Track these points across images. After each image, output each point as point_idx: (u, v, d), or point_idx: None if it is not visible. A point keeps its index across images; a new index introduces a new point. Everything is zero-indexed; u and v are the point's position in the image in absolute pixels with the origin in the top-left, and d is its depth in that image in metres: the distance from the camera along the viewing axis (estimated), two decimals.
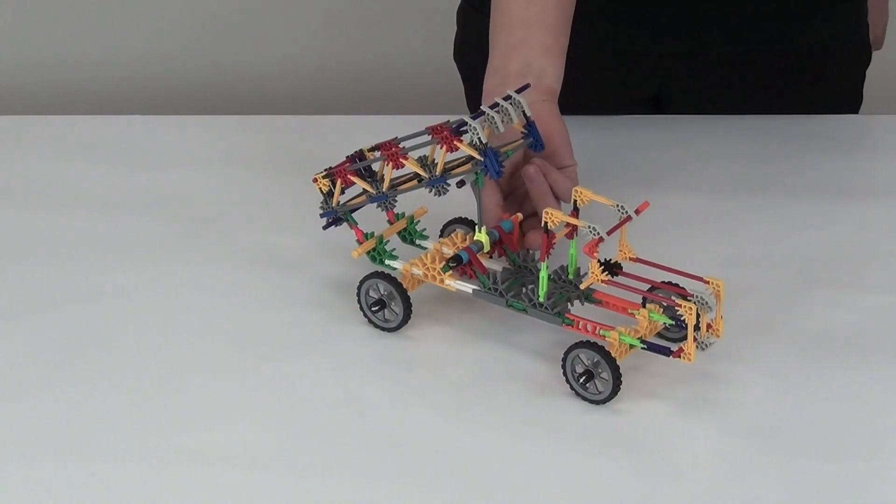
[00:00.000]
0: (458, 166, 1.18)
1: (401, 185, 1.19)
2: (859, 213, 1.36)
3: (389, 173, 1.18)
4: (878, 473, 1.05)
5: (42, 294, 1.26)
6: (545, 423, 1.10)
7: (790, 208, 1.37)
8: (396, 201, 1.20)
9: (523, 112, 1.19)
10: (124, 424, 1.10)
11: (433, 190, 1.18)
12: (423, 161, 1.18)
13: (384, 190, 1.19)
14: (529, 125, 1.20)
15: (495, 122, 1.16)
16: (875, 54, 1.60)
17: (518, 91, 1.19)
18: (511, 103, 1.18)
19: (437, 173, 1.17)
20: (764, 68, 1.50)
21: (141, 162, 1.46)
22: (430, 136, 1.18)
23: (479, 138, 1.15)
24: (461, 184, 1.20)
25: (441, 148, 1.16)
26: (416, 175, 1.19)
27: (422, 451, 1.07)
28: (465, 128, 1.16)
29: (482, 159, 1.15)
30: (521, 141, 1.20)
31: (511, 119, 1.18)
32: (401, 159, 1.17)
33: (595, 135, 1.47)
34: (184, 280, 1.27)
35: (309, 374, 1.15)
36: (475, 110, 1.23)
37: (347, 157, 1.21)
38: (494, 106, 1.17)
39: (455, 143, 1.15)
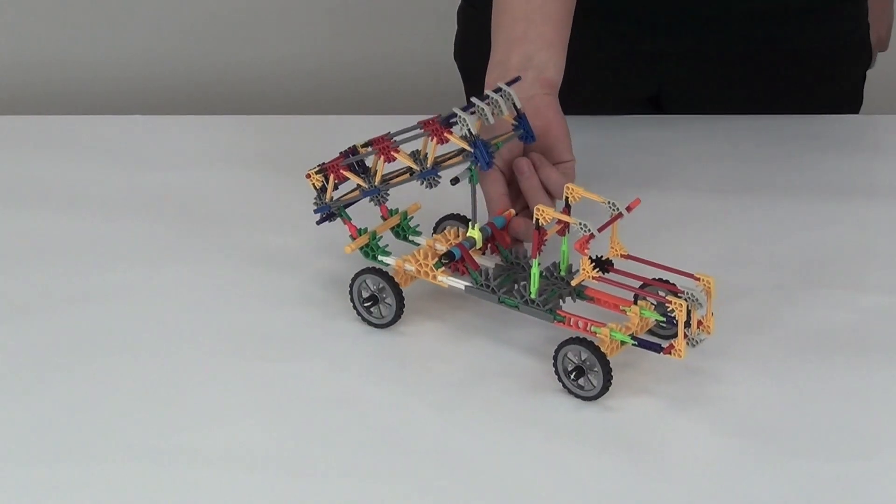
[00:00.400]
0: (450, 159, 1.18)
1: (392, 178, 1.19)
2: (859, 213, 1.36)
3: (381, 167, 1.18)
4: (873, 473, 1.05)
5: (42, 294, 1.26)
6: (536, 419, 1.10)
7: (790, 208, 1.37)
8: (388, 195, 1.20)
9: (514, 104, 1.19)
10: (124, 424, 1.10)
11: (424, 182, 1.18)
12: (415, 155, 1.18)
13: (376, 184, 1.19)
14: (520, 117, 1.20)
15: (485, 114, 1.16)
16: (876, 54, 1.60)
17: (509, 83, 1.19)
18: (501, 95, 1.18)
19: (427, 165, 1.17)
20: (764, 68, 1.50)
21: (141, 162, 1.46)
22: (423, 129, 1.19)
23: (469, 129, 1.15)
24: (455, 181, 1.19)
25: (431, 140, 1.16)
26: (409, 169, 1.19)
27: (414, 447, 1.07)
28: (454, 119, 1.16)
29: (472, 150, 1.15)
30: (512, 133, 1.20)
31: (501, 111, 1.18)
32: (392, 152, 1.17)
33: (595, 135, 1.47)
34: (183, 280, 1.27)
35: (303, 371, 1.15)
36: None
37: (341, 152, 1.21)
38: (485, 98, 1.18)
39: (445, 134, 1.15)
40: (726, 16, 1.47)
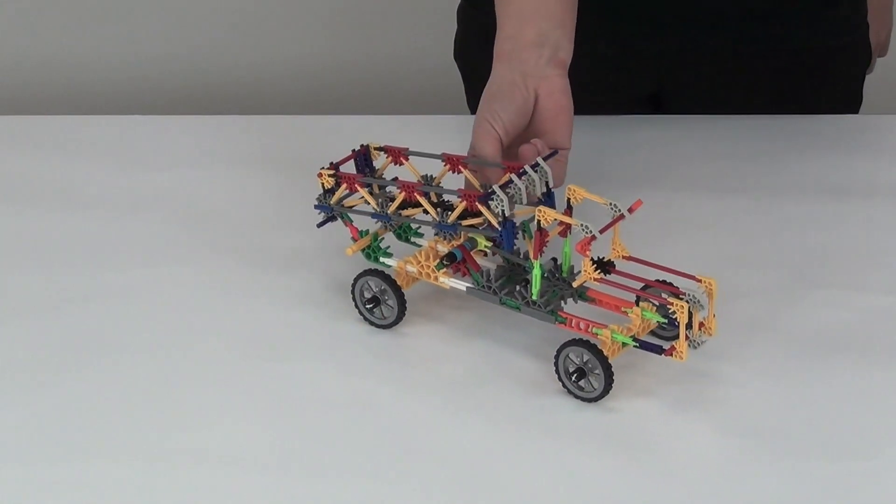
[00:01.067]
0: (469, 218, 1.16)
1: (406, 208, 1.18)
2: (859, 213, 1.36)
3: (400, 198, 1.18)
4: (874, 473, 1.05)
5: (42, 294, 1.26)
6: (538, 420, 1.10)
7: (790, 208, 1.37)
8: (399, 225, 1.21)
9: (546, 182, 1.18)
10: (124, 424, 1.10)
11: (440, 234, 1.17)
12: (428, 181, 1.16)
13: (389, 212, 1.18)
14: (548, 194, 1.18)
15: (521, 194, 1.15)
16: (875, 59, 1.60)
17: (545, 158, 1.18)
18: (538, 171, 1.16)
19: (448, 220, 1.16)
20: (764, 67, 1.50)
21: (141, 162, 1.46)
22: (444, 164, 1.19)
23: (503, 210, 1.14)
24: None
25: (460, 201, 1.15)
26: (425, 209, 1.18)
27: (415, 448, 1.07)
28: (493, 196, 1.14)
29: (500, 229, 1.14)
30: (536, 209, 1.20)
31: (535, 190, 1.17)
32: (416, 194, 1.16)
33: (595, 135, 1.47)
34: (183, 280, 1.27)
35: (304, 372, 1.15)
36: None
37: (353, 150, 1.21)
38: (522, 173, 1.16)
39: (477, 204, 1.14)
40: (726, 15, 1.47)
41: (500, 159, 1.20)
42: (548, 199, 1.18)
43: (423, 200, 1.16)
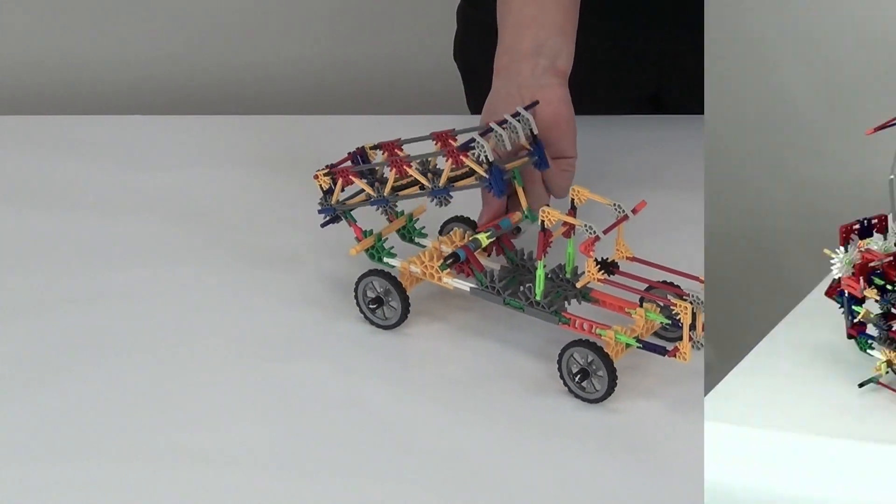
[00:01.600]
0: (461, 177, 1.17)
1: (402, 189, 1.19)
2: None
3: (392, 178, 1.18)
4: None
5: (42, 294, 1.26)
6: (541, 420, 1.10)
7: None
8: (397, 206, 1.21)
9: (530, 130, 1.18)
10: (124, 424, 1.10)
11: (435, 199, 1.18)
12: (425, 165, 1.17)
13: (385, 194, 1.19)
14: (536, 143, 1.19)
15: (502, 140, 1.16)
16: None
17: (527, 108, 1.19)
18: (519, 120, 1.17)
19: (440, 184, 1.16)
20: None
21: (141, 162, 1.46)
22: (435, 143, 1.19)
23: (486, 156, 1.14)
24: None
25: (446, 160, 1.16)
26: (420, 184, 1.18)
27: (418, 448, 1.07)
28: (472, 144, 1.15)
29: (487, 176, 1.15)
30: (527, 159, 1.20)
31: (518, 137, 1.17)
32: (404, 167, 1.17)
33: (595, 135, 1.47)
34: (184, 280, 1.27)
35: (307, 372, 1.15)
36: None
37: (349, 153, 1.21)
38: (503, 122, 1.17)
39: (461, 157, 1.15)
40: None
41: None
42: (536, 148, 1.18)
43: (412, 171, 1.17)
